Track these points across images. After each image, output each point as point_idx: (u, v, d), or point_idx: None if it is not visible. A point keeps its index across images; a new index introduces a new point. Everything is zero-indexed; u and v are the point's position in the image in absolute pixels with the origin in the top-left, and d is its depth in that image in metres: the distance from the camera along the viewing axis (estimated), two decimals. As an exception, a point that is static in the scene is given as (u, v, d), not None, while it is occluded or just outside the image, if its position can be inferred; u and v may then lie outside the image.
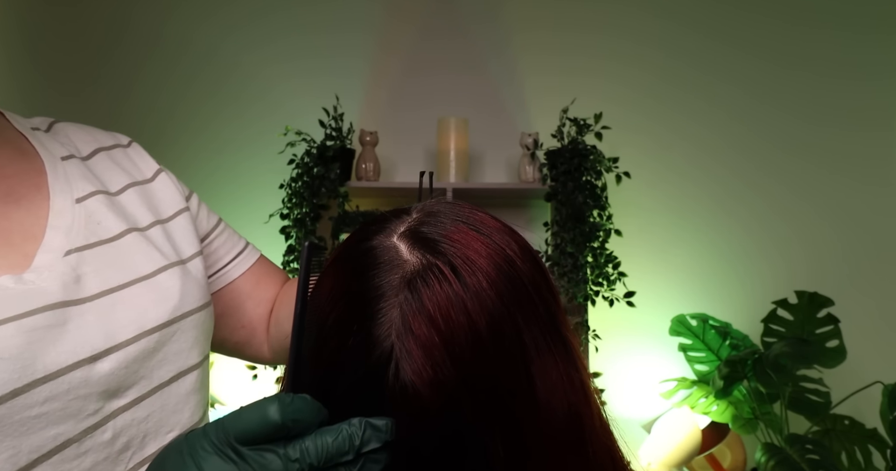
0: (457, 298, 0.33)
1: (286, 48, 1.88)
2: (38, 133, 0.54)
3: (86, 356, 0.41)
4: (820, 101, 1.91)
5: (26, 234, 0.45)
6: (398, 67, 1.90)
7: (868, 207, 1.89)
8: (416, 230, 0.37)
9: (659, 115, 1.90)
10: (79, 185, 0.51)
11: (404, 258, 0.35)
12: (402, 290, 0.34)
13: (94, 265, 0.46)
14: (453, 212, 0.38)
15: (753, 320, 1.70)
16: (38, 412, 0.38)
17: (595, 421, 0.38)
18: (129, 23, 1.88)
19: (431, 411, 0.33)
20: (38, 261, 0.43)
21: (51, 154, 0.52)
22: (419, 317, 0.33)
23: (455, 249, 0.35)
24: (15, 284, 0.41)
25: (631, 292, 1.58)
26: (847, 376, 1.63)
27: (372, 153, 1.68)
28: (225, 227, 0.68)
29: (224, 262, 0.66)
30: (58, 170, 0.50)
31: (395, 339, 0.33)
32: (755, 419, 1.58)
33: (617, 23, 1.92)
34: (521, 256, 0.37)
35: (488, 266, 0.35)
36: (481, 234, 0.36)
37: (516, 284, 0.35)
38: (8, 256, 0.43)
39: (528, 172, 1.68)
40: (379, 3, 1.90)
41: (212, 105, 1.87)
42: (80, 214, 0.48)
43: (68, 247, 0.45)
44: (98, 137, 0.59)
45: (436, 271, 0.34)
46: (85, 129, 0.60)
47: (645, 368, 1.82)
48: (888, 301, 1.87)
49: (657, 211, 1.88)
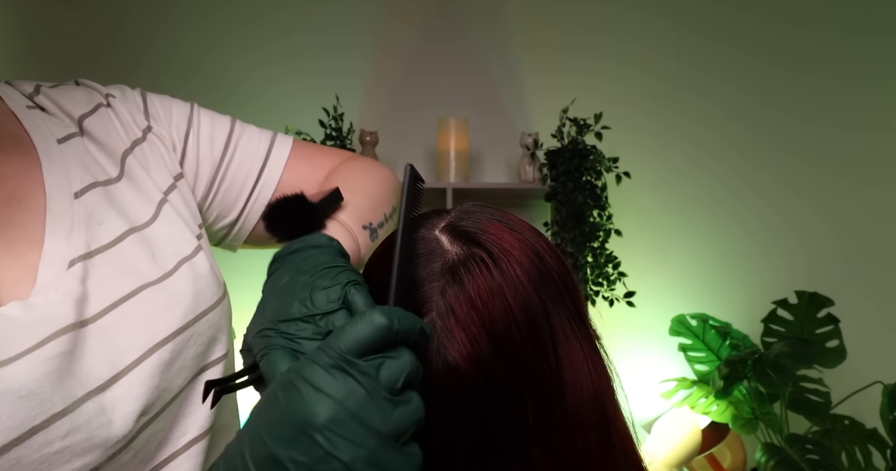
0: (495, 284, 0.37)
1: (286, 48, 1.88)
2: (34, 112, 0.49)
3: (93, 388, 0.39)
4: (820, 101, 1.91)
5: (31, 241, 0.41)
6: (398, 67, 1.90)
7: (868, 208, 1.89)
8: (455, 225, 0.41)
9: (659, 116, 1.90)
10: (77, 174, 0.46)
11: (446, 248, 0.39)
12: (445, 276, 0.38)
13: (100, 276, 0.42)
14: (488, 212, 0.42)
15: (753, 320, 1.70)
16: (59, 447, 0.36)
17: (617, 406, 0.41)
18: (123, 24, 1.88)
19: (470, 387, 0.36)
20: (42, 277, 0.40)
21: (45, 138, 0.46)
22: (460, 300, 0.37)
23: (492, 241, 0.39)
24: (24, 311, 0.38)
25: (631, 292, 1.58)
26: (847, 376, 1.63)
27: (372, 153, 1.68)
28: (238, 140, 0.61)
29: (251, 182, 0.60)
30: (53, 159, 0.46)
31: (438, 319, 0.37)
32: (755, 419, 1.58)
33: (617, 23, 1.92)
34: (549, 251, 0.41)
35: (521, 257, 0.39)
36: (514, 230, 0.40)
37: (545, 275, 0.39)
38: (14, 269, 0.40)
39: (528, 172, 1.68)
40: (379, 3, 1.90)
41: (211, 104, 1.85)
42: (80, 214, 0.44)
43: (70, 256, 0.42)
44: (81, 98, 0.53)
45: (476, 260, 0.38)
46: (69, 89, 0.53)
47: (645, 368, 1.82)
48: (888, 301, 1.87)
49: (657, 211, 1.88)
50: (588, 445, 0.38)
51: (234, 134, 0.62)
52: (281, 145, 0.63)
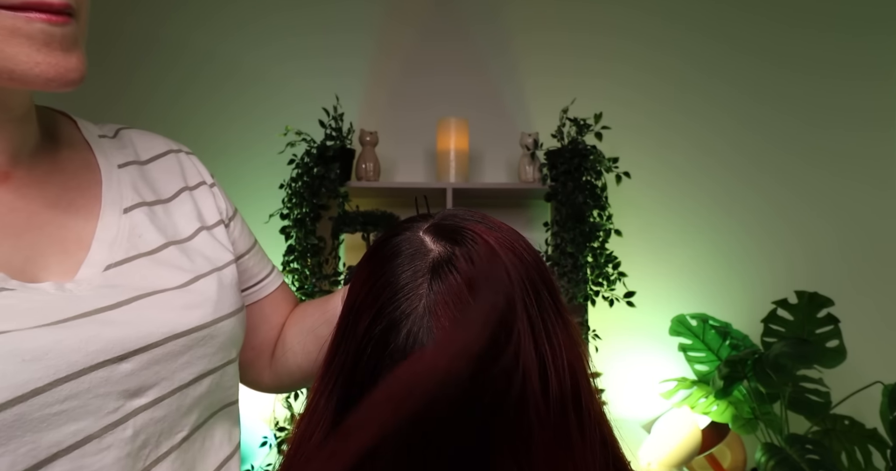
0: (476, 280, 0.39)
1: (286, 48, 1.88)
2: (104, 140, 0.58)
3: (114, 356, 0.43)
4: (820, 101, 1.91)
5: (81, 243, 0.48)
6: (398, 67, 1.90)
7: (868, 208, 1.89)
8: (438, 225, 0.43)
9: (659, 116, 1.90)
10: (128, 194, 0.54)
11: (429, 248, 0.41)
12: (428, 273, 0.40)
13: (131, 277, 0.49)
14: (469, 214, 0.45)
15: (753, 320, 1.70)
16: (58, 410, 0.40)
17: (592, 393, 0.43)
18: (124, 24, 1.88)
19: (451, 381, 0.36)
20: (82, 273, 0.46)
21: (109, 163, 0.55)
22: (444, 296, 0.39)
23: (473, 240, 0.41)
24: (55, 290, 0.43)
25: (631, 292, 1.58)
26: (847, 376, 1.63)
27: (372, 153, 1.68)
28: (259, 248, 0.71)
29: (254, 281, 0.69)
30: (112, 179, 0.54)
31: (423, 316, 0.38)
32: (755, 419, 1.58)
33: (618, 23, 1.92)
34: (528, 249, 0.43)
35: (502, 255, 0.41)
36: (494, 230, 0.43)
37: (525, 270, 0.41)
38: (63, 263, 0.46)
39: (528, 172, 1.68)
40: (379, 3, 1.90)
41: (211, 105, 1.87)
42: (125, 226, 0.52)
43: (109, 261, 0.48)
44: (158, 143, 0.63)
45: (457, 258, 0.40)
46: (148, 135, 0.63)
47: (645, 368, 1.82)
48: (888, 301, 1.87)
49: (657, 211, 1.88)
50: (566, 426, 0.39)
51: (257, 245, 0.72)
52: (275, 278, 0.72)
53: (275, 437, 1.55)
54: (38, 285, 0.43)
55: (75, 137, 0.56)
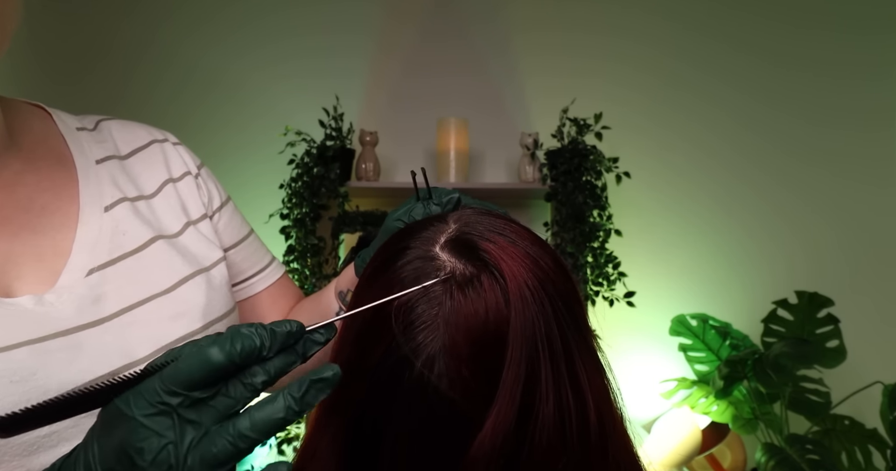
0: (495, 306, 0.36)
1: (286, 49, 1.88)
2: (82, 134, 0.54)
3: (103, 374, 0.42)
4: (820, 101, 1.91)
5: (57, 249, 0.46)
6: (398, 68, 1.90)
7: (868, 208, 1.89)
8: (455, 240, 0.39)
9: (659, 116, 1.90)
10: (108, 190, 0.51)
11: (445, 268, 0.37)
12: (444, 297, 0.36)
13: (115, 283, 0.46)
14: (490, 224, 0.40)
15: (753, 320, 1.70)
16: (48, 431, 0.38)
17: (617, 428, 0.41)
18: (121, 25, 1.88)
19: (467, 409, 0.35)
20: (62, 281, 0.44)
21: (86, 158, 0.52)
22: (458, 323, 0.35)
23: (492, 260, 0.37)
24: (34, 305, 0.41)
25: (631, 292, 1.58)
26: (847, 376, 1.62)
27: (372, 153, 1.68)
28: (254, 239, 0.67)
29: (247, 275, 0.65)
30: (90, 177, 0.51)
31: (437, 344, 0.35)
32: (755, 419, 1.58)
33: (617, 23, 1.92)
34: (553, 267, 0.39)
35: (524, 276, 0.37)
36: (517, 246, 0.39)
37: (549, 293, 0.37)
38: (38, 273, 0.44)
39: (528, 172, 1.68)
40: (379, 3, 1.90)
41: (211, 105, 1.87)
42: (107, 225, 0.49)
43: (91, 265, 0.46)
44: (140, 135, 0.59)
45: (475, 282, 0.36)
46: (130, 126, 0.59)
47: (645, 368, 1.82)
48: (888, 301, 1.87)
49: (657, 211, 1.88)
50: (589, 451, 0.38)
51: (251, 236, 0.68)
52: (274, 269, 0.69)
53: (275, 437, 1.55)
54: (15, 300, 0.41)
55: (50, 132, 0.52)
